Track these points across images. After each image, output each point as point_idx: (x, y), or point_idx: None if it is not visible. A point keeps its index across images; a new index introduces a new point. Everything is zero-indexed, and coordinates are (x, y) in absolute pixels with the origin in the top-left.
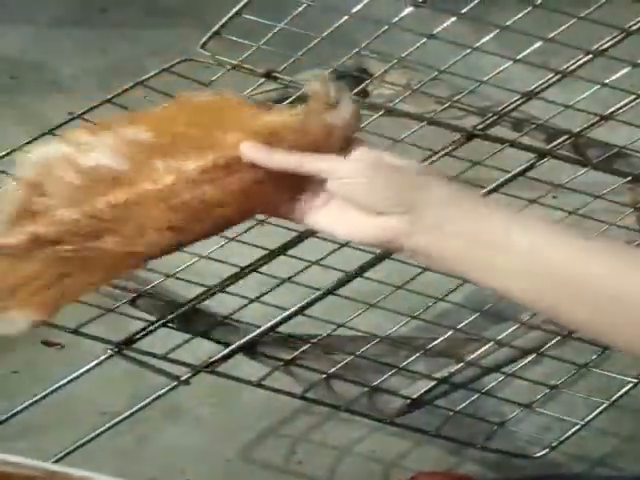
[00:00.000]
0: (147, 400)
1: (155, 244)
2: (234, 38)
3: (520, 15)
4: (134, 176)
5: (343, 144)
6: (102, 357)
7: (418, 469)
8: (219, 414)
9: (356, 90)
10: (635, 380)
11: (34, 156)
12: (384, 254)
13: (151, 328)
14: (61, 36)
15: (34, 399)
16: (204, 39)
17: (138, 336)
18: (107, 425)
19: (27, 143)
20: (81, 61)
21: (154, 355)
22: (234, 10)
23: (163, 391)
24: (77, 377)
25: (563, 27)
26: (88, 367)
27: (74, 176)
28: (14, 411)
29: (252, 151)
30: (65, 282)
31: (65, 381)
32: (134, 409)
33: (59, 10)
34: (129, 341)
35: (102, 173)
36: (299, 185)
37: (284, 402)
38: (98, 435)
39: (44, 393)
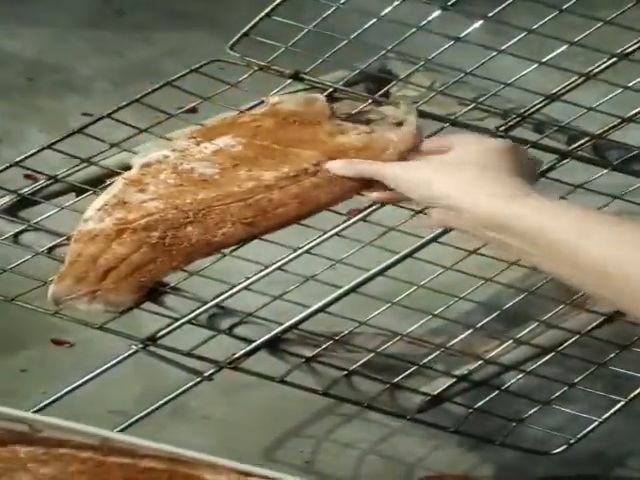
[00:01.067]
0: (170, 396)
1: (230, 235)
2: (263, 39)
3: (547, 18)
4: (221, 180)
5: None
6: (127, 353)
7: (429, 469)
8: (227, 414)
9: (380, 92)
10: None
11: (143, 158)
12: (406, 254)
13: (176, 325)
14: (78, 38)
15: (50, 399)
16: (232, 41)
17: (163, 332)
18: (121, 427)
19: (56, 142)
20: (97, 62)
21: (179, 352)
22: (264, 12)
23: (187, 386)
24: (100, 374)
25: (588, 31)
26: (112, 363)
27: (171, 176)
28: (31, 411)
29: (336, 168)
30: (150, 266)
31: (85, 379)
32: (153, 407)
33: (76, 12)
34: (154, 337)
35: (195, 176)
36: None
37: (292, 402)
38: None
39: (61, 393)
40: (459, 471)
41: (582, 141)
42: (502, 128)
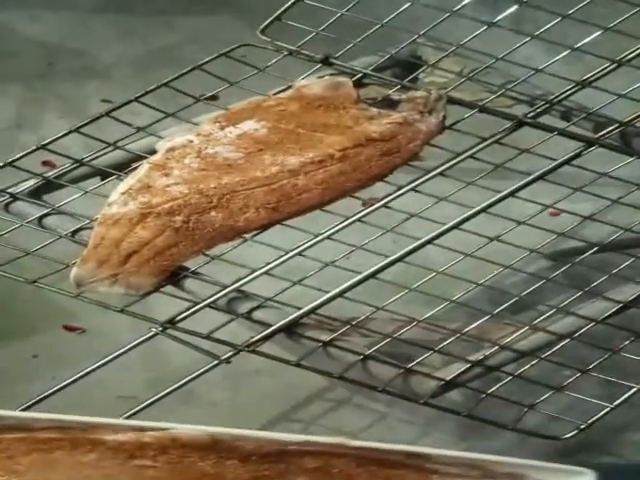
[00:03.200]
0: (183, 381)
1: (253, 220)
2: (294, 24)
3: (581, 5)
4: (245, 165)
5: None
6: (146, 335)
7: None
8: (233, 399)
9: (409, 78)
10: None
11: (168, 142)
12: (426, 240)
13: (196, 308)
14: (101, 23)
15: (63, 384)
16: (264, 24)
17: (183, 316)
18: (133, 410)
19: (82, 126)
20: (119, 48)
21: (199, 334)
22: None
23: (203, 369)
24: (116, 357)
25: (622, 18)
26: (130, 345)
27: (195, 161)
28: (42, 395)
29: None
30: (172, 250)
31: (101, 363)
32: (165, 392)
33: None
34: (174, 320)
35: (219, 160)
36: None
37: (296, 389)
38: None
39: (75, 377)
40: None
41: (610, 128)
42: (530, 115)
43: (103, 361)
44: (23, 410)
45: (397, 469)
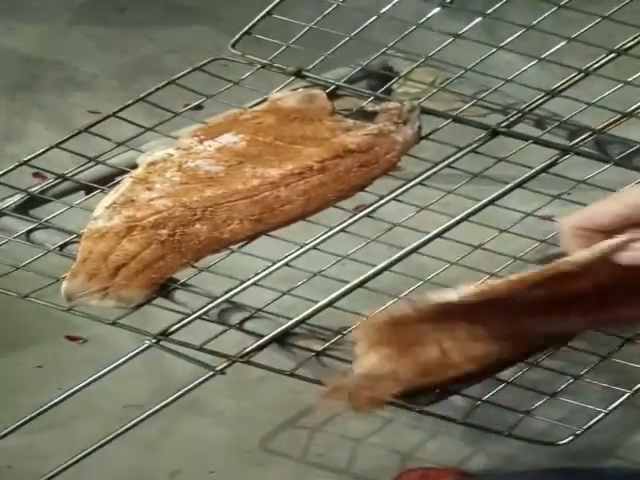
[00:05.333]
0: (182, 390)
1: (238, 232)
2: (264, 37)
3: (546, 14)
4: (227, 178)
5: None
6: (140, 348)
7: (436, 461)
8: (239, 408)
9: (382, 89)
10: None
11: (148, 157)
12: (411, 249)
13: (189, 319)
14: (80, 34)
15: (65, 394)
16: (234, 39)
17: (175, 327)
18: (135, 421)
19: (63, 141)
20: (101, 60)
21: (192, 346)
22: (265, 10)
23: (199, 380)
24: (113, 369)
25: (587, 27)
26: (125, 358)
27: (177, 174)
28: (45, 407)
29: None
30: (160, 263)
31: (100, 374)
32: (167, 400)
33: (77, 8)
34: (166, 332)
35: (200, 174)
36: None
37: (301, 396)
38: (128, 429)
39: (77, 387)
40: (455, 463)
41: (583, 136)
42: (503, 124)
43: (101, 372)
44: (29, 421)
45: None
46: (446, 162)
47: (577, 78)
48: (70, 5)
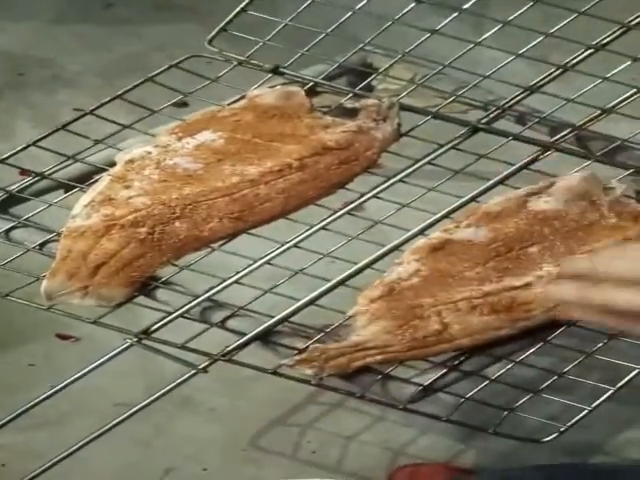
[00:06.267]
0: (167, 388)
1: (218, 230)
2: (240, 34)
3: (522, 10)
4: (205, 175)
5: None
6: (122, 347)
7: (428, 457)
8: (232, 406)
9: (361, 85)
10: None
11: (126, 154)
12: (393, 247)
13: (170, 318)
14: (65, 32)
15: (52, 391)
16: (211, 35)
17: (157, 326)
18: (124, 415)
19: (41, 139)
20: (87, 57)
21: (173, 345)
22: (240, 7)
23: (183, 379)
24: (97, 367)
25: (564, 22)
26: (108, 356)
27: (155, 172)
28: (31, 403)
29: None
30: (140, 261)
31: (85, 371)
32: (153, 397)
33: (62, 6)
34: (148, 331)
35: (179, 171)
36: None
37: (293, 393)
38: (116, 425)
39: (63, 384)
40: (446, 460)
41: (563, 133)
42: (484, 120)
43: (85, 370)
44: (18, 416)
45: None
46: (427, 159)
47: (556, 74)
48: (55, 3)
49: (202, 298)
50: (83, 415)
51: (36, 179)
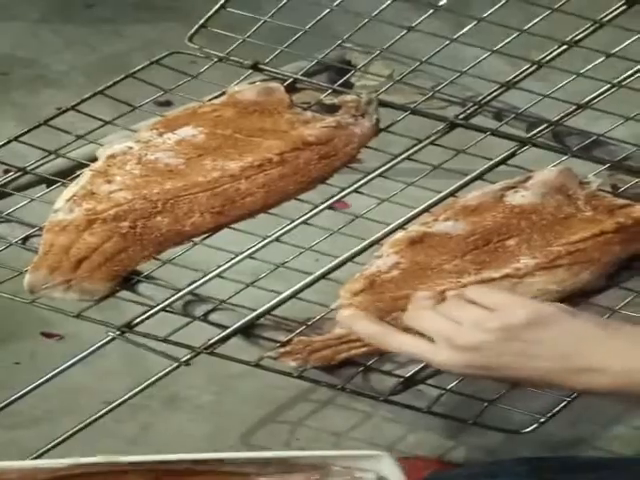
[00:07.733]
0: (148, 381)
1: (199, 225)
2: (219, 31)
3: (497, 6)
4: (187, 170)
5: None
6: (105, 340)
7: (415, 453)
8: (219, 402)
9: (340, 82)
10: None
11: (108, 149)
12: (373, 240)
13: (152, 312)
14: (49, 32)
15: (34, 385)
16: (191, 32)
17: (139, 320)
18: (107, 409)
19: (22, 134)
20: (70, 56)
21: (156, 338)
22: (219, 4)
23: (164, 372)
24: (79, 361)
25: (537, 19)
26: (90, 350)
27: (136, 167)
28: (13, 397)
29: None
30: (122, 255)
31: (66, 365)
32: (134, 391)
33: (44, 6)
34: (130, 325)
35: (160, 166)
36: None
37: (281, 390)
38: (99, 418)
39: (43, 379)
40: (437, 454)
41: (540, 128)
42: (461, 116)
43: (68, 363)
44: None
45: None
46: (405, 154)
47: (530, 70)
48: (38, 3)
49: (184, 292)
50: (71, 413)
51: (18, 174)
